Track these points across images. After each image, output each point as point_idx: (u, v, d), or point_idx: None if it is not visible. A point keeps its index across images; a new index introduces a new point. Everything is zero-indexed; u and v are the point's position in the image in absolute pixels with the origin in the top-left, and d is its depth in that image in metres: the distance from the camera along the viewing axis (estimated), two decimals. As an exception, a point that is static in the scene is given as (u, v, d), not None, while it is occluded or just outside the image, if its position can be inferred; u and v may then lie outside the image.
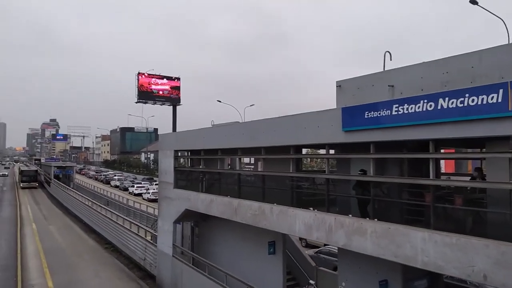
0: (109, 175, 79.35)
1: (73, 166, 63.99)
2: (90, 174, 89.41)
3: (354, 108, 8.02)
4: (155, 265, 17.52)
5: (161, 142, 17.69)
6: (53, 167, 58.23)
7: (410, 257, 6.84)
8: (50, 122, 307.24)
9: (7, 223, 32.09)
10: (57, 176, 54.73)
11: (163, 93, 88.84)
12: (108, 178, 72.64)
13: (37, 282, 17.57)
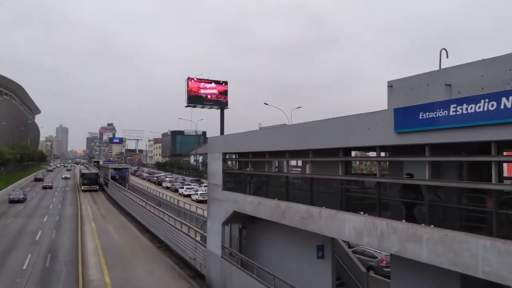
0: (160, 176, 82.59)
1: (128, 168, 67.27)
2: (144, 176, 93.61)
3: (408, 109, 7.70)
4: (204, 265, 17.94)
5: (210, 145, 18.11)
6: (110, 168, 61.70)
7: (470, 266, 6.42)
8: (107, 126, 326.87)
9: (69, 221, 34.49)
10: (113, 177, 57.88)
11: (211, 97, 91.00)
12: (160, 180, 75.59)
13: (96, 278, 18.65)
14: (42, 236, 27.91)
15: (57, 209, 41.90)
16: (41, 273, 19.31)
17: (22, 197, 45.98)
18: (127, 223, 34.03)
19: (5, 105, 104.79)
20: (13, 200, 44.52)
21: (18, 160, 79.84)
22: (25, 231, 29.57)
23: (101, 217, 36.90)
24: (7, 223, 32.51)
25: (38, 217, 36.05)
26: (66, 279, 18.40)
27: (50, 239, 27.14)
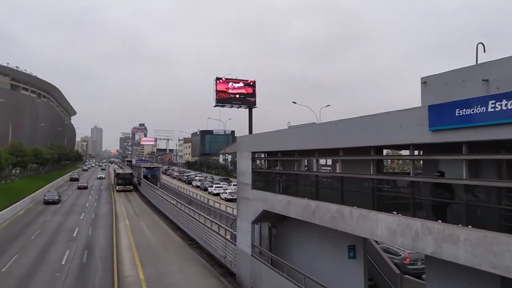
0: (190, 175, 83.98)
1: (159, 167, 68.79)
2: (174, 175, 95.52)
3: (443, 106, 7.44)
4: (235, 263, 18.11)
5: (239, 144, 18.24)
6: (142, 168, 63.38)
7: (511, 268, 6.15)
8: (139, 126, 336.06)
9: (104, 218, 35.74)
10: (145, 176, 59.44)
11: (239, 97, 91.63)
12: (190, 179, 76.86)
13: (130, 274, 19.25)
14: (79, 233, 29.10)
15: (93, 207, 43.54)
16: (78, 268, 20.14)
17: (56, 198, 44.96)
18: (159, 221, 34.88)
19: (44, 107, 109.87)
20: (47, 201, 43.67)
21: (56, 159, 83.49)
22: (63, 228, 30.92)
23: (135, 215, 38.01)
24: (46, 220, 34.09)
25: (75, 214, 37.59)
26: (102, 275, 19.09)
27: (87, 235, 28.25)
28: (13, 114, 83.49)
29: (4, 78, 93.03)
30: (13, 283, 17.57)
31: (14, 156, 49.80)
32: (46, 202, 43.30)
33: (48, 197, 44.55)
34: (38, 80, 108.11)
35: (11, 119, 75.14)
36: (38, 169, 71.91)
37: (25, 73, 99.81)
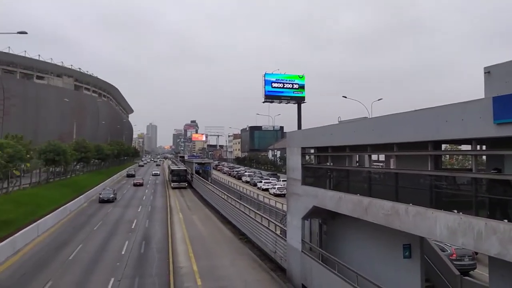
0: (240, 171, 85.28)
1: (210, 163, 70.52)
2: (224, 170, 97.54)
3: (510, 97, 6.89)
4: (285, 259, 18.16)
5: (288, 139, 18.19)
6: (194, 163, 65.42)
7: None
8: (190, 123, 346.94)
9: (160, 212, 37.43)
10: (197, 171, 61.27)
11: (288, 92, 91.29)
12: (239, 174, 78.07)
13: (184, 265, 20.01)
14: (137, 224, 30.74)
15: (149, 200, 45.77)
16: (136, 258, 21.31)
17: (112, 196, 42.89)
18: (211, 215, 35.86)
19: (104, 106, 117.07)
20: (103, 199, 41.95)
21: (115, 155, 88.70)
22: (122, 219, 32.84)
23: (188, 209, 39.40)
24: (107, 212, 36.38)
25: (133, 207, 39.75)
26: (158, 265, 20.04)
27: (144, 227, 29.78)
28: (77, 113, 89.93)
29: (69, 79, 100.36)
30: (79, 269, 19.01)
31: (78, 152, 53.59)
32: (101, 201, 41.80)
33: (103, 195, 42.80)
34: (98, 80, 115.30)
35: (75, 118, 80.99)
36: (99, 164, 76.84)
37: (87, 74, 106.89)
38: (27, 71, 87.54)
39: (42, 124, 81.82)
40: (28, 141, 34.87)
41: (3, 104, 75.60)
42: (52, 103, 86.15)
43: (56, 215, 30.89)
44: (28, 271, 18.43)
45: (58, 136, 65.81)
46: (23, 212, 28.41)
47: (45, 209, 31.28)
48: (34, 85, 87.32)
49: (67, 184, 46.86)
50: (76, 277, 17.81)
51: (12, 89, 78.52)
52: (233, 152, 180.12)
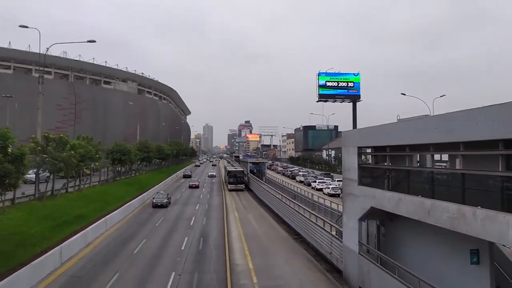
0: (294, 170, 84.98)
1: (264, 162, 71.04)
2: (278, 170, 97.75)
3: None
4: (341, 260, 17.84)
5: (344, 139, 17.84)
6: (249, 163, 66.37)
7: None
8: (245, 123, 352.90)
9: (216, 210, 38.50)
10: (252, 171, 62.07)
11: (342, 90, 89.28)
12: (293, 174, 77.83)
13: (240, 262, 20.41)
14: (195, 222, 31.92)
15: (206, 198, 47.29)
16: (195, 254, 22.15)
17: (165, 201, 39.32)
18: (265, 214, 36.19)
19: (164, 108, 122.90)
20: (156, 204, 38.57)
21: (174, 155, 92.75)
22: (182, 217, 34.27)
23: (243, 208, 40.11)
24: (168, 209, 38.15)
25: (191, 205, 41.30)
26: (215, 261, 20.67)
27: (202, 225, 30.84)
28: (140, 115, 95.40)
29: (133, 84, 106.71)
30: (143, 263, 20.20)
31: (142, 152, 56.82)
32: (155, 206, 38.50)
33: (157, 200, 39.26)
34: (159, 84, 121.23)
35: (139, 120, 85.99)
36: (160, 164, 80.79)
37: (148, 79, 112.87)
38: (95, 77, 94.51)
39: (109, 126, 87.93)
40: (97, 142, 37.67)
41: (75, 108, 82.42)
42: (118, 106, 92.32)
43: (122, 211, 33.03)
44: (97, 263, 19.94)
45: (123, 137, 70.33)
46: (93, 208, 30.76)
47: (112, 206, 33.62)
48: (102, 90, 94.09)
49: (132, 182, 49.89)
50: (141, 270, 18.95)
51: (83, 94, 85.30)
52: (287, 151, 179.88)
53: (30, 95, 49.93)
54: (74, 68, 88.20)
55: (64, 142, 28.69)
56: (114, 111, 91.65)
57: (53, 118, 67.94)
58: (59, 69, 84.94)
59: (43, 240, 20.75)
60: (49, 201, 27.10)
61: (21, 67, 79.07)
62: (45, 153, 26.59)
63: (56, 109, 68.09)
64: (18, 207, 23.59)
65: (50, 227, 22.92)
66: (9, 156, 18.71)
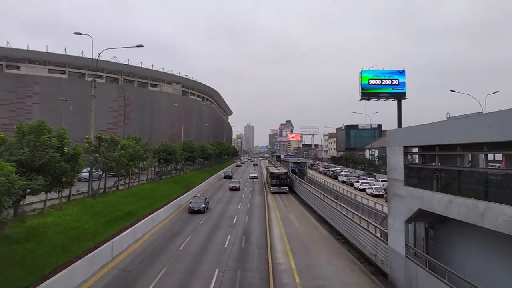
0: (336, 170, 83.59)
1: (306, 162, 70.48)
2: (320, 169, 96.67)
3: None
4: (386, 263, 17.36)
5: (389, 138, 17.34)
6: (290, 162, 66.19)
7: None
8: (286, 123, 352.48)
9: (258, 209, 38.82)
10: (293, 170, 61.85)
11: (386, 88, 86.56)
12: (335, 173, 76.58)
13: (282, 261, 20.45)
14: (238, 220, 32.38)
15: (248, 197, 47.78)
16: (238, 252, 22.50)
17: (203, 206, 35.69)
18: (307, 214, 35.95)
19: (207, 109, 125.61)
20: (193, 209, 35.23)
21: (217, 155, 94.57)
22: (224, 215, 34.89)
23: (284, 207, 40.10)
24: (211, 207, 38.99)
25: (234, 204, 41.94)
26: (258, 260, 20.89)
27: (244, 223, 31.24)
28: (184, 116, 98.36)
29: (177, 86, 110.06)
30: (188, 259, 20.85)
31: (186, 152, 58.47)
32: (192, 211, 35.16)
33: (194, 205, 35.79)
34: (202, 85, 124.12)
35: (183, 120, 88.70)
36: (203, 163, 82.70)
37: (192, 80, 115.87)
38: (143, 80, 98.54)
39: (155, 126, 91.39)
40: (145, 142, 39.27)
41: (124, 110, 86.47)
42: (163, 107, 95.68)
43: (168, 209, 34.23)
44: (146, 258, 20.84)
45: (168, 137, 72.86)
46: (142, 205, 32.15)
47: (159, 203, 34.95)
48: (148, 92, 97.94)
49: (177, 181, 51.53)
50: (186, 266, 19.58)
51: (131, 97, 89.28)
52: (328, 151, 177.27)
53: (84, 98, 53.06)
54: (124, 72, 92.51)
55: (115, 142, 30.22)
56: (160, 112, 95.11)
57: (105, 119, 71.85)
58: (110, 73, 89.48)
59: (96, 235, 22.04)
60: (101, 198, 28.67)
61: (75, 72, 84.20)
62: (97, 153, 28.18)
63: (107, 111, 71.80)
64: (73, 203, 25.18)
65: (102, 223, 24.27)
66: (65, 155, 20.06)
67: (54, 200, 23.25)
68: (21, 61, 78.77)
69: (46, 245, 18.03)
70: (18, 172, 14.57)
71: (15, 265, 15.36)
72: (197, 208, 35.38)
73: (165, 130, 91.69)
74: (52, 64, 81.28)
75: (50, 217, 21.15)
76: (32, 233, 18.39)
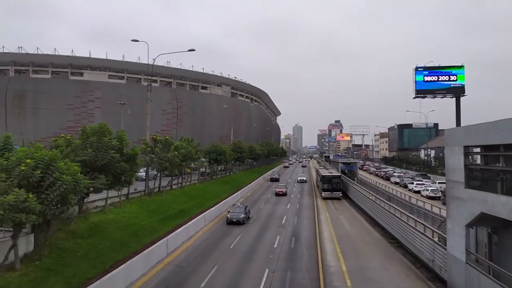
0: (388, 171, 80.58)
1: (356, 162, 68.67)
2: (371, 170, 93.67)
3: None
4: (445, 269, 16.47)
5: (447, 137, 16.45)
6: (339, 163, 64.89)
7: None
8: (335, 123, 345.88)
9: (307, 210, 38.51)
10: (343, 171, 60.53)
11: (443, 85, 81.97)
12: (388, 175, 73.85)
13: (333, 264, 20.12)
14: (287, 221, 32.34)
15: (296, 198, 47.55)
16: (287, 252, 22.49)
17: (242, 216, 30.35)
18: (357, 216, 35.06)
19: (256, 110, 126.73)
20: (231, 220, 30.09)
21: (265, 155, 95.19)
22: (273, 215, 35.02)
23: (334, 209, 39.38)
24: (260, 208, 39.29)
25: (282, 204, 41.93)
26: (307, 261, 20.74)
27: (293, 224, 31.15)
28: (233, 117, 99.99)
29: (226, 88, 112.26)
30: (238, 258, 21.21)
31: (235, 152, 59.51)
32: (230, 222, 30.11)
33: (232, 215, 30.57)
34: (250, 87, 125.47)
35: (232, 122, 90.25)
36: (252, 164, 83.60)
37: (241, 82, 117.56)
38: (194, 83, 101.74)
39: (206, 128, 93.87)
40: (196, 143, 40.53)
41: (177, 112, 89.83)
42: (213, 109, 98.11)
43: (219, 208, 35.03)
44: (198, 255, 21.52)
45: (218, 138, 74.43)
46: (194, 204, 33.23)
47: (210, 202, 35.91)
48: (199, 95, 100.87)
49: (227, 181, 52.59)
50: (236, 264, 19.94)
51: (183, 99, 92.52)
52: (380, 151, 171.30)
53: (140, 101, 55.87)
54: (176, 76, 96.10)
55: (169, 144, 31.56)
56: (210, 114, 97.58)
57: (159, 121, 75.12)
58: (164, 77, 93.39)
59: (153, 232, 23.15)
60: (157, 197, 30.05)
61: (132, 77, 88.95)
62: (153, 154, 29.59)
63: (161, 113, 75.02)
64: (131, 201, 26.65)
65: (158, 220, 25.44)
66: (124, 156, 21.31)
67: (114, 198, 24.78)
68: (84, 68, 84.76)
69: (107, 241, 19.27)
70: (82, 171, 15.67)
71: (80, 258, 16.59)
72: (236, 219, 30.03)
73: (215, 131, 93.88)
74: (111, 70, 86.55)
75: (111, 214, 22.57)
76: (95, 229, 19.76)
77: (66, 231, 18.04)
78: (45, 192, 13.34)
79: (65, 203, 14.17)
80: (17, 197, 11.80)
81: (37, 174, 13.19)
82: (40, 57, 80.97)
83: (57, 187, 13.45)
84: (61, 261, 15.66)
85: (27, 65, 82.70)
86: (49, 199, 13.31)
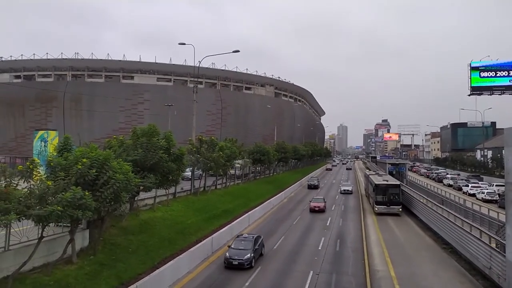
0: (440, 173, 76.58)
1: (405, 163, 65.94)
2: (421, 172, 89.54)
3: None
4: (504, 277, 15.34)
5: (507, 137, 15.29)
6: (387, 164, 62.64)
7: None
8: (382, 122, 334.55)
9: (353, 212, 37.51)
10: (391, 172, 58.34)
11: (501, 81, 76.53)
12: (440, 176, 70.22)
13: (381, 269, 19.45)
14: (331, 222, 31.74)
15: (341, 199, 46.51)
16: (332, 255, 22.08)
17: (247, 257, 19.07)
18: (407, 219, 33.65)
19: (300, 110, 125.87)
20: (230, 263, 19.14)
21: (309, 155, 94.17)
22: (318, 217, 34.49)
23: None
24: (304, 208, 38.89)
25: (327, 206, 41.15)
26: (354, 265, 20.20)
27: (338, 226, 30.51)
28: (277, 118, 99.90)
29: (270, 88, 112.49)
30: (282, 259, 21.13)
31: (279, 153, 59.41)
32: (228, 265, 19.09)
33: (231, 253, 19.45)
34: (294, 86, 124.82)
35: (275, 122, 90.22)
36: (296, 164, 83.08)
37: (284, 82, 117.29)
38: (238, 84, 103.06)
39: (249, 128, 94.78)
40: (240, 143, 40.99)
41: (221, 113, 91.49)
42: (257, 110, 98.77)
43: (263, 208, 35.16)
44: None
45: (262, 138, 74.90)
46: (238, 203, 33.62)
47: (254, 202, 36.13)
48: (243, 95, 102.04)
49: (270, 181, 52.65)
50: (280, 265, 19.89)
51: (227, 100, 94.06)
52: (431, 152, 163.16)
53: (186, 103, 57.52)
54: (220, 77, 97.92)
55: (214, 144, 32.19)
56: (254, 114, 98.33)
57: (204, 122, 76.90)
58: (208, 78, 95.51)
59: (198, 230, 23.73)
60: (202, 196, 30.76)
61: (179, 79, 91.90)
62: (199, 154, 30.32)
63: (206, 114, 76.79)
64: (178, 200, 27.49)
65: (203, 219, 26.02)
66: (171, 156, 22.01)
67: (162, 196, 25.68)
68: (134, 72, 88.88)
69: (156, 237, 20.02)
70: (133, 171, 16.40)
71: (131, 254, 17.38)
72: (237, 262, 18.95)
73: (258, 131, 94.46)
74: (159, 73, 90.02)
75: (159, 212, 23.43)
76: (145, 226, 20.60)
77: (118, 228, 18.99)
78: (99, 190, 14.11)
79: (117, 200, 14.90)
80: (74, 194, 12.56)
81: (93, 173, 13.99)
82: (94, 62, 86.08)
83: (110, 185, 14.19)
84: (113, 256, 16.49)
85: (82, 70, 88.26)
86: (103, 196, 14.06)
